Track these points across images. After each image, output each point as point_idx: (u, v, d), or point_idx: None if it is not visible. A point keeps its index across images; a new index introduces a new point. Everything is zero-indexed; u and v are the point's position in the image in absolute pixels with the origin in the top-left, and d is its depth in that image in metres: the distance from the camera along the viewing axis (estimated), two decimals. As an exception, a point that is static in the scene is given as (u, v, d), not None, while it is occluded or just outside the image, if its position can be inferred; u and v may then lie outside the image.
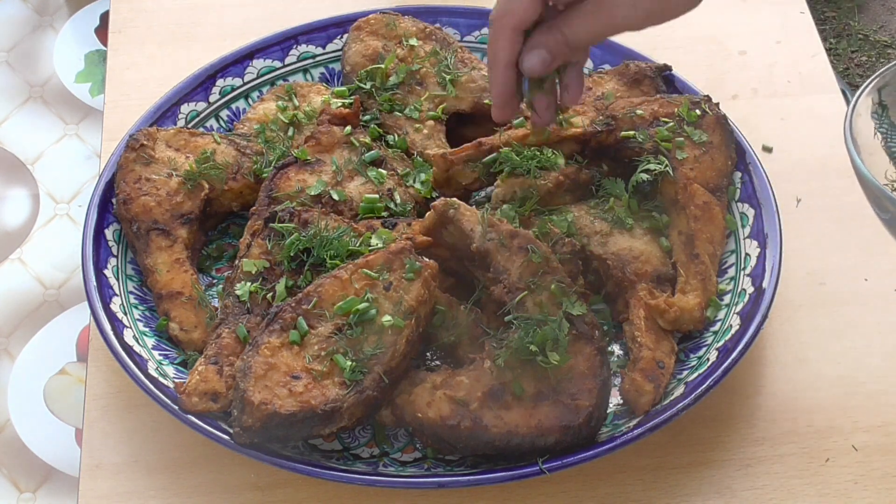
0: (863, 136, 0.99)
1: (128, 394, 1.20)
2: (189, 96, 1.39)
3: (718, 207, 1.26)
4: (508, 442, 1.09)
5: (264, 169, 1.30)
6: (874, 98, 0.99)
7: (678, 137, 1.28)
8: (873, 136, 1.00)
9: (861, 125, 0.99)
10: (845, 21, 3.00)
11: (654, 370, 1.16)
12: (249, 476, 1.15)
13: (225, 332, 1.16)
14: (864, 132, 0.99)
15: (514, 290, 1.13)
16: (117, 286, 1.24)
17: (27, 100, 2.67)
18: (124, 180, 1.28)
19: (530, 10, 1.02)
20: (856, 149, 0.97)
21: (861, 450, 1.16)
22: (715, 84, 1.45)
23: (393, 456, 1.15)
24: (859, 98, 0.99)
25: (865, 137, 0.99)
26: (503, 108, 1.10)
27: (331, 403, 1.07)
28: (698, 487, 1.14)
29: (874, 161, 1.00)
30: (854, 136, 0.98)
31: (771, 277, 1.21)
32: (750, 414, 1.19)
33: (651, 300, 1.20)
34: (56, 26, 2.80)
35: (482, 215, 1.16)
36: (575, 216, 1.25)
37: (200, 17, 1.56)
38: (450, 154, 1.28)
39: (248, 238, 1.23)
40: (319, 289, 1.12)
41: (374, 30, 1.40)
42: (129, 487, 1.15)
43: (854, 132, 0.98)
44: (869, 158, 0.99)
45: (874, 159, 1.00)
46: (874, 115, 1.00)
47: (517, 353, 1.10)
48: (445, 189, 1.29)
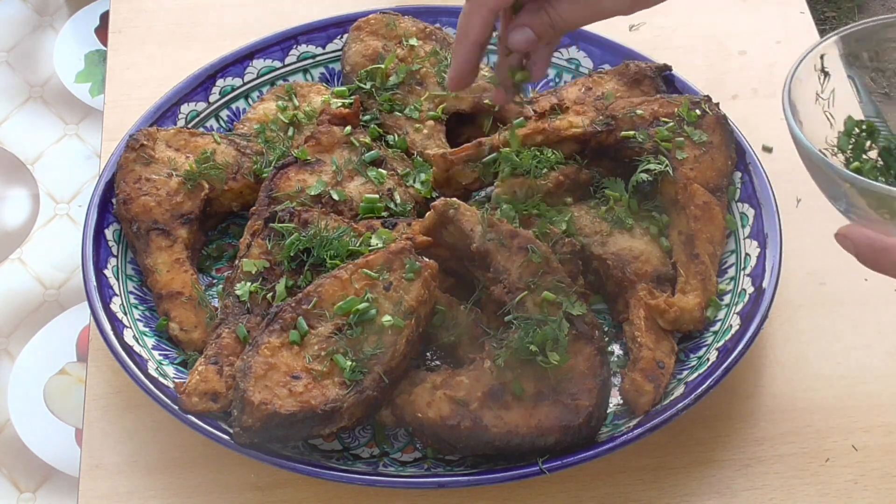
0: (803, 102, 0.98)
1: (128, 394, 1.20)
2: (189, 96, 1.39)
3: (718, 207, 1.26)
4: (508, 442, 1.09)
5: (264, 169, 1.30)
6: (816, 65, 1.00)
7: (678, 137, 1.28)
8: (814, 101, 1.00)
9: (801, 92, 0.99)
10: (845, 21, 3.00)
11: (654, 370, 1.16)
12: (249, 476, 1.15)
13: (225, 332, 1.16)
14: (805, 98, 0.99)
15: (514, 290, 1.13)
16: (117, 286, 1.24)
17: (27, 100, 2.66)
18: (124, 180, 1.28)
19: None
20: (794, 115, 0.97)
21: (861, 450, 1.16)
22: (715, 84, 1.45)
23: (393, 456, 1.15)
24: (800, 64, 0.99)
25: (805, 104, 0.99)
26: (460, 81, 1.11)
27: (331, 403, 1.07)
28: (698, 487, 1.14)
29: (814, 128, 0.99)
30: (793, 101, 0.98)
31: (771, 277, 1.21)
32: (750, 414, 1.19)
33: (651, 300, 1.20)
34: (56, 26, 2.80)
35: (482, 215, 1.16)
36: (575, 216, 1.25)
37: (200, 17, 1.56)
38: (450, 154, 1.28)
39: (248, 238, 1.23)
40: (319, 289, 1.12)
41: (374, 30, 1.40)
42: (129, 487, 1.15)
43: (793, 97, 0.98)
44: (809, 125, 0.98)
45: (814, 126, 0.99)
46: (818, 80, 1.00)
47: (517, 353, 1.10)
48: (445, 189, 1.29)
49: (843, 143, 1.01)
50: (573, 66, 1.43)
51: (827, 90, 1.00)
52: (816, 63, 0.99)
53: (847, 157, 1.01)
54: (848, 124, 1.01)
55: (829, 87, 1.00)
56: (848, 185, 0.89)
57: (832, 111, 1.01)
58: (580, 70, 1.42)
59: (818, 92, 1.00)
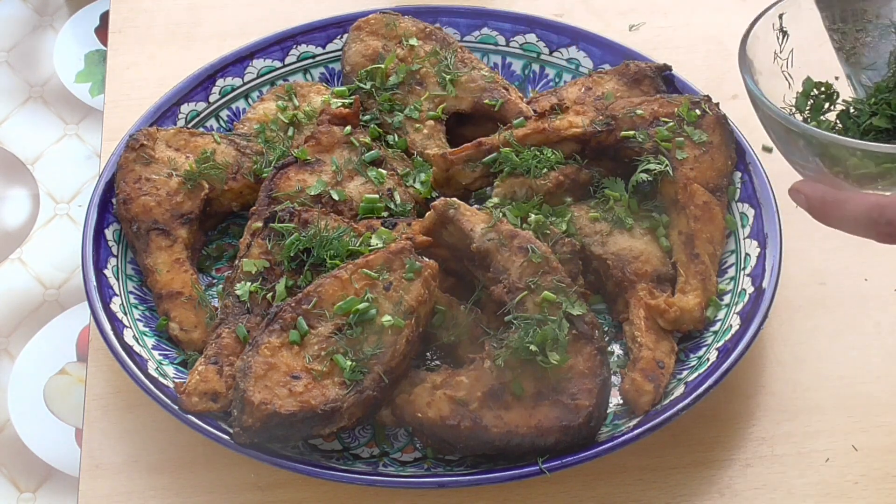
0: (759, 59, 0.98)
1: (128, 394, 1.20)
2: (189, 96, 1.39)
3: (718, 207, 1.26)
4: (508, 442, 1.09)
5: (264, 169, 1.30)
6: (774, 24, 0.99)
7: (678, 137, 1.28)
8: (772, 60, 0.99)
9: (758, 49, 0.98)
10: (845, 21, 3.00)
11: (654, 370, 1.16)
12: (249, 476, 1.15)
13: (225, 332, 1.16)
14: (762, 56, 0.98)
15: (514, 290, 1.13)
16: (117, 286, 1.24)
17: (27, 100, 2.66)
18: (124, 180, 1.28)
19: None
20: (750, 71, 0.95)
21: (861, 450, 1.16)
22: (715, 84, 1.45)
23: (393, 456, 1.15)
24: (758, 22, 0.98)
25: (763, 62, 0.98)
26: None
27: (331, 403, 1.07)
28: (698, 487, 1.14)
29: (772, 85, 0.98)
30: (749, 58, 0.96)
31: (771, 277, 1.21)
32: (750, 414, 1.19)
33: (651, 300, 1.20)
34: (56, 26, 2.80)
35: (496, 215, 1.16)
36: (575, 216, 1.25)
37: (200, 17, 1.56)
38: (450, 154, 1.28)
39: (248, 238, 1.23)
40: (319, 289, 1.12)
41: (374, 30, 1.40)
42: (129, 487, 1.15)
43: (749, 54, 0.96)
44: (766, 82, 0.97)
45: (772, 83, 0.98)
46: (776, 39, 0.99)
47: (517, 353, 1.10)
48: (445, 189, 1.29)
49: (801, 103, 1.00)
50: (573, 66, 1.43)
51: (786, 50, 0.99)
52: (775, 22, 0.98)
53: (805, 118, 1.00)
54: (806, 85, 1.00)
55: (787, 46, 0.99)
56: (803, 140, 0.89)
57: (791, 71, 0.99)
58: (580, 70, 1.42)
59: (776, 51, 0.99)
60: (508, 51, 1.45)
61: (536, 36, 1.45)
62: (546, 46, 1.44)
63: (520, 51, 1.45)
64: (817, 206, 0.89)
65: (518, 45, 1.45)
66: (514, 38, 1.45)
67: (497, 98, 1.35)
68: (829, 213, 0.88)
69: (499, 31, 1.45)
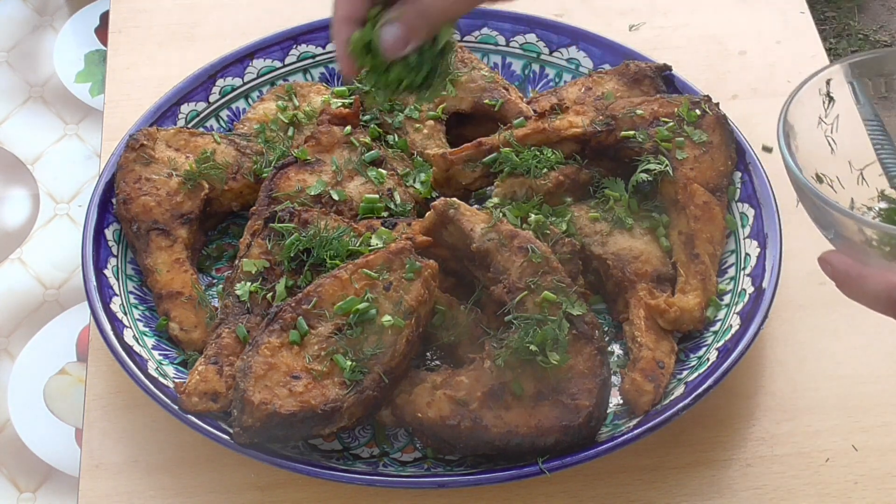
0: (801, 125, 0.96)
1: (128, 394, 1.20)
2: (189, 96, 1.39)
3: (718, 207, 1.26)
4: (508, 442, 1.09)
5: (264, 169, 1.30)
6: (821, 89, 0.97)
7: (678, 137, 1.28)
8: (816, 125, 0.97)
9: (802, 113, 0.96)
10: (845, 21, 3.00)
11: (654, 370, 1.16)
12: (249, 476, 1.15)
13: (225, 332, 1.16)
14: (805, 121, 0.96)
15: (514, 290, 1.13)
16: (117, 286, 1.24)
17: (27, 100, 2.66)
18: (124, 180, 1.28)
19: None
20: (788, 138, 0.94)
21: (861, 450, 1.16)
22: (715, 84, 1.45)
23: (393, 456, 1.15)
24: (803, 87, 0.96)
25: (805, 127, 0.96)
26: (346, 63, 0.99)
27: (331, 403, 1.07)
28: (698, 487, 1.14)
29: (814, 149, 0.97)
30: (790, 123, 0.94)
31: (771, 277, 1.21)
32: (750, 414, 1.19)
33: (651, 300, 1.20)
34: (56, 26, 2.80)
35: (495, 214, 1.16)
36: (575, 216, 1.25)
37: (200, 17, 1.56)
38: (450, 154, 1.28)
39: (248, 238, 1.23)
40: (319, 289, 1.12)
41: (374, 30, 1.40)
42: (129, 487, 1.15)
43: (790, 119, 0.95)
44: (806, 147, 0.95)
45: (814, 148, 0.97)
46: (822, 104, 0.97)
47: (517, 353, 1.10)
48: (445, 189, 1.29)
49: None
50: (573, 66, 1.43)
51: (831, 115, 0.97)
52: (822, 87, 0.97)
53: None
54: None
55: (833, 112, 0.97)
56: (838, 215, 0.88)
57: (835, 136, 0.98)
58: (580, 70, 1.42)
59: (821, 116, 0.97)
60: (508, 51, 1.45)
61: (536, 36, 1.45)
62: (546, 46, 1.44)
63: (520, 51, 1.45)
64: (841, 279, 0.89)
65: (518, 45, 1.45)
66: (514, 38, 1.45)
67: (497, 98, 1.35)
68: (851, 287, 0.89)
69: (499, 31, 1.45)
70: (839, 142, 0.98)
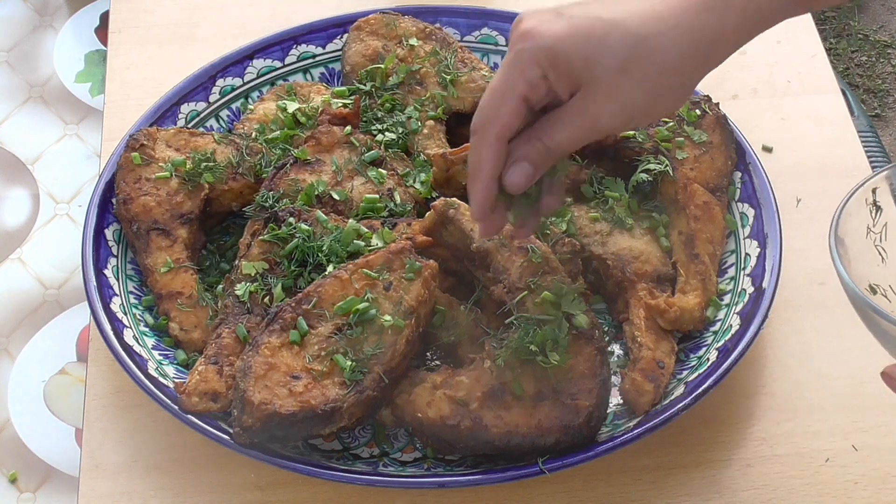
0: (851, 236, 0.94)
1: (128, 394, 1.20)
2: (189, 96, 1.39)
3: (718, 207, 1.26)
4: (508, 442, 1.09)
5: (264, 169, 1.30)
6: (867, 198, 0.95)
7: (678, 137, 1.28)
8: (865, 235, 0.96)
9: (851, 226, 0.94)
10: (845, 21, 3.00)
11: (654, 370, 1.16)
12: (249, 476, 1.15)
13: (225, 332, 1.16)
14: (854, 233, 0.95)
15: (514, 290, 1.13)
16: (117, 286, 1.24)
17: (27, 100, 2.66)
18: (124, 180, 1.28)
19: (515, 118, 0.95)
20: (840, 253, 0.92)
21: (861, 450, 1.16)
22: (715, 84, 1.45)
23: (393, 456, 1.15)
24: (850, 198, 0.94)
25: (854, 238, 0.95)
26: (488, 222, 1.02)
27: (331, 403, 1.07)
28: (698, 487, 1.14)
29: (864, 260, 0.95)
30: (840, 236, 0.93)
31: (771, 277, 1.21)
32: (750, 414, 1.19)
33: (651, 300, 1.20)
34: (56, 26, 2.80)
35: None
36: (575, 216, 1.25)
37: (200, 17, 1.56)
38: (450, 154, 1.28)
39: (248, 238, 1.23)
40: (319, 289, 1.12)
41: (374, 30, 1.40)
42: (129, 487, 1.15)
43: (840, 233, 0.93)
44: (858, 258, 0.94)
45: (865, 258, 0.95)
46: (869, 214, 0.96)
47: (517, 353, 1.10)
48: (445, 189, 1.29)
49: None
50: (573, 66, 1.43)
51: (879, 224, 0.96)
52: (868, 197, 0.95)
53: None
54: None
55: (881, 220, 0.96)
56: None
57: (884, 245, 0.97)
58: (580, 70, 1.42)
59: (869, 226, 0.96)
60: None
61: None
62: (546, 46, 1.44)
63: (520, 51, 1.45)
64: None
65: (518, 45, 1.45)
66: (514, 38, 1.45)
67: (497, 98, 1.35)
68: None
69: (499, 31, 1.45)
70: (888, 250, 0.96)
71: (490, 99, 0.96)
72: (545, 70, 0.94)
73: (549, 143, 0.96)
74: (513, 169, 0.98)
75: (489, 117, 0.96)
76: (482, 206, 1.00)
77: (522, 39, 0.95)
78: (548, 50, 0.93)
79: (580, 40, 0.93)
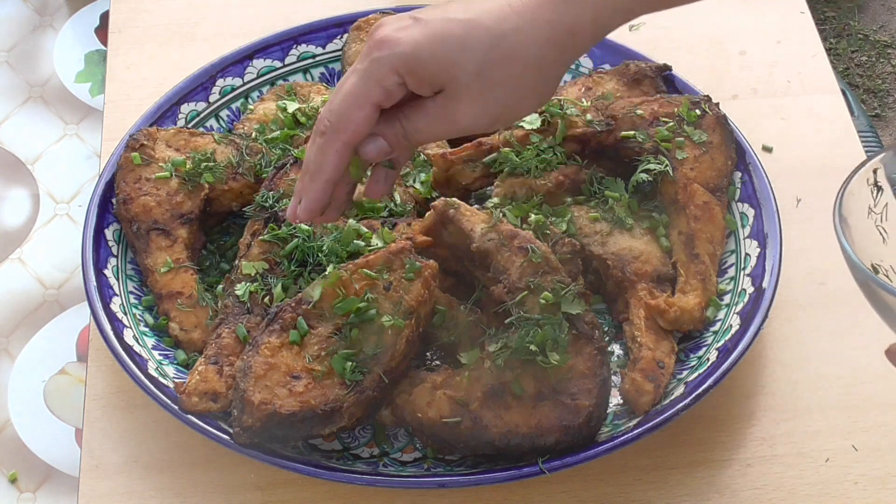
0: (854, 216, 0.95)
1: (128, 394, 1.20)
2: (189, 96, 1.39)
3: (718, 207, 1.26)
4: (508, 442, 1.09)
5: (264, 169, 1.30)
6: (869, 179, 0.96)
7: (678, 137, 1.28)
8: (867, 216, 0.97)
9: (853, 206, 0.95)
10: (845, 21, 3.00)
11: (654, 370, 1.16)
12: (249, 476, 1.15)
13: (225, 332, 1.16)
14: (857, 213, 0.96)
15: (514, 290, 1.13)
16: (117, 286, 1.24)
17: (27, 100, 2.67)
18: (124, 180, 1.28)
19: (367, 125, 0.96)
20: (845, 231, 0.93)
21: (861, 450, 1.16)
22: (715, 84, 1.45)
23: (393, 456, 1.15)
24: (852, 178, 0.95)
25: (857, 218, 0.96)
26: (312, 215, 1.01)
27: (331, 403, 1.07)
28: (698, 487, 1.14)
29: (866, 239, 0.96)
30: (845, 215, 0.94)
31: (771, 277, 1.21)
32: (750, 414, 1.19)
33: (651, 300, 1.20)
34: (56, 26, 2.80)
35: (495, 214, 1.16)
36: (575, 216, 1.25)
37: (200, 17, 1.56)
38: (450, 154, 1.28)
39: (248, 238, 1.23)
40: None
41: (374, 30, 1.40)
42: (129, 487, 1.15)
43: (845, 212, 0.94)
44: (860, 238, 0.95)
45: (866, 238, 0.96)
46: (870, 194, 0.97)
47: (517, 353, 1.10)
48: (445, 189, 1.29)
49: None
50: (573, 65, 1.43)
51: (880, 204, 0.97)
52: (869, 177, 0.96)
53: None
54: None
55: (881, 201, 0.97)
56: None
57: (885, 226, 0.98)
58: (580, 70, 1.42)
59: (871, 206, 0.97)
60: (508, 51, 1.45)
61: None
62: (546, 46, 1.44)
63: (520, 51, 1.45)
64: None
65: (518, 45, 1.45)
66: (514, 38, 1.45)
67: (497, 98, 1.34)
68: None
69: (499, 31, 1.45)
70: (889, 231, 0.97)
71: (343, 103, 0.95)
72: (403, 77, 0.94)
73: (408, 129, 0.97)
74: (369, 141, 0.97)
75: (341, 122, 0.96)
76: (314, 207, 1.00)
77: (379, 47, 0.94)
78: (405, 56, 0.93)
79: (437, 45, 0.93)
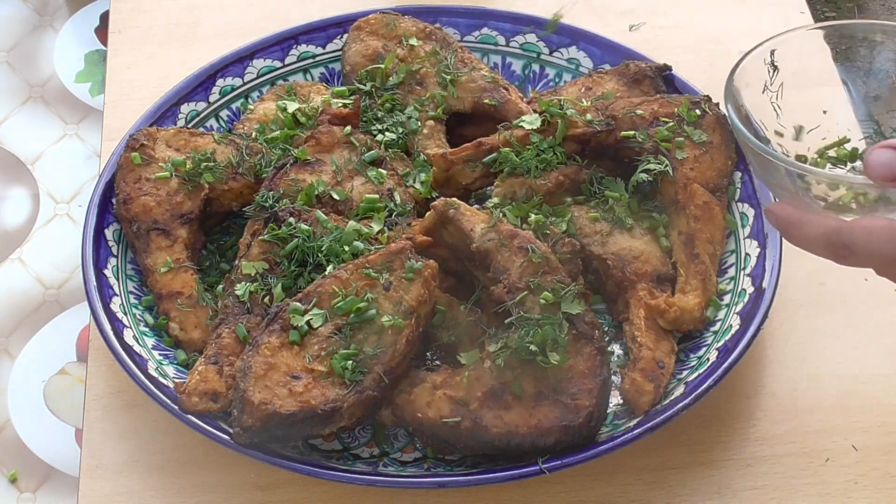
0: (749, 90, 1.04)
1: (128, 394, 1.20)
2: (189, 96, 1.39)
3: (718, 207, 1.26)
4: (508, 442, 1.09)
5: (264, 169, 1.30)
6: (766, 58, 1.05)
7: (678, 137, 1.28)
8: (762, 91, 1.05)
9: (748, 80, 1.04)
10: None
11: (654, 370, 1.16)
12: (249, 476, 1.15)
13: (225, 332, 1.16)
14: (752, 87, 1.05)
15: (514, 290, 1.13)
16: (117, 286, 1.24)
17: (27, 100, 2.66)
18: (124, 180, 1.28)
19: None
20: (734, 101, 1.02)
21: (861, 450, 1.16)
22: (715, 84, 1.45)
23: (393, 456, 1.15)
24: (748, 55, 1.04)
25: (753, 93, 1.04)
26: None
27: (331, 403, 1.07)
28: (698, 487, 1.14)
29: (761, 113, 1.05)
30: (737, 87, 1.03)
31: (771, 277, 1.21)
32: (750, 414, 1.19)
33: (651, 300, 1.20)
34: (56, 26, 2.80)
35: (495, 214, 1.16)
36: (575, 216, 1.25)
37: (200, 17, 1.56)
38: (450, 154, 1.28)
39: (248, 238, 1.23)
40: (319, 289, 1.12)
41: (374, 30, 1.40)
42: (129, 487, 1.15)
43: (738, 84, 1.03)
44: (756, 111, 1.04)
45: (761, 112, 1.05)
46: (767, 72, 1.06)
47: (517, 353, 1.10)
48: (445, 189, 1.29)
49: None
50: (573, 66, 1.43)
51: (776, 83, 1.06)
52: (766, 57, 1.05)
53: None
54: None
55: (777, 80, 1.06)
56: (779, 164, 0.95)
57: (780, 103, 1.06)
58: (580, 70, 1.42)
59: (766, 83, 1.06)
60: (508, 51, 1.45)
61: (536, 36, 1.45)
62: (546, 46, 1.44)
63: (520, 51, 1.45)
64: (784, 226, 0.95)
65: (518, 45, 1.45)
66: (514, 38, 1.45)
67: (497, 98, 1.35)
68: (792, 234, 0.95)
69: (499, 32, 1.45)
70: (783, 107, 1.06)
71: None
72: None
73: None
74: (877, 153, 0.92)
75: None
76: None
77: None
78: None
79: None
